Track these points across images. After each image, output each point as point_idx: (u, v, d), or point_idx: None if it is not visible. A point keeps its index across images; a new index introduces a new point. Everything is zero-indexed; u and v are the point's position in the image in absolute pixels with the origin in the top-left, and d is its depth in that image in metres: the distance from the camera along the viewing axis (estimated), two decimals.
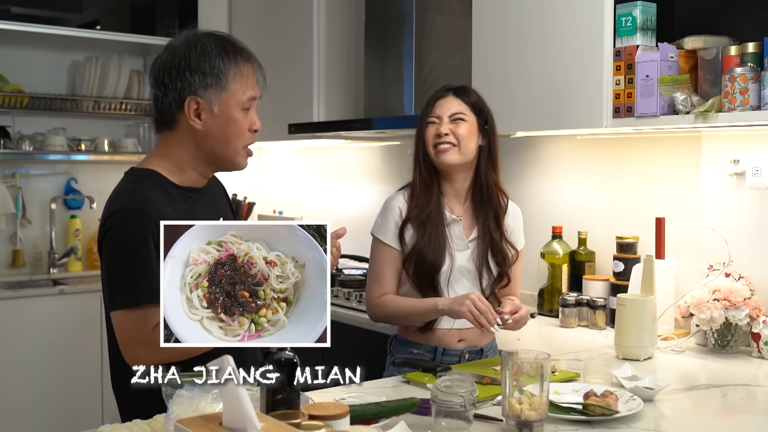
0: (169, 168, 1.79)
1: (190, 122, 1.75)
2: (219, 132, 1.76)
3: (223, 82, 1.74)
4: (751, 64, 2.20)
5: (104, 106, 4.07)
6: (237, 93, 1.76)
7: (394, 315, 2.18)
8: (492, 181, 2.20)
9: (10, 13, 3.55)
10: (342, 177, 4.06)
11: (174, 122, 1.77)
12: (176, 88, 1.74)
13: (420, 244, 2.13)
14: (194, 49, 1.74)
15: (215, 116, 1.75)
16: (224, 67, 1.74)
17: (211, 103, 1.74)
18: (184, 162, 1.80)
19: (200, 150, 1.78)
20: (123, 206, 1.70)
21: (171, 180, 1.78)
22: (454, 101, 2.17)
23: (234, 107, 1.76)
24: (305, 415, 1.31)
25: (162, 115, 1.78)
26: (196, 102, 1.74)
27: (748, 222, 2.49)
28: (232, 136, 1.77)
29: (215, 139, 1.77)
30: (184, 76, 1.73)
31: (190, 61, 1.73)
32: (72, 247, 4.06)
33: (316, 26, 3.61)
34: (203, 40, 1.76)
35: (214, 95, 1.74)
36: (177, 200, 1.77)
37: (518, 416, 1.54)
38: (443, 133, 2.13)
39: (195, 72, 1.73)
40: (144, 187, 1.74)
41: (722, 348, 2.37)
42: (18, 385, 3.45)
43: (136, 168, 1.81)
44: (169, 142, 1.80)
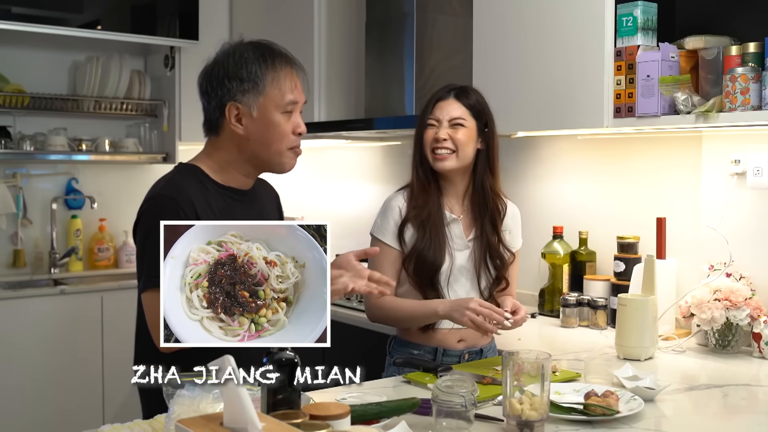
0: (213, 167, 1.87)
1: (231, 127, 1.82)
2: (260, 135, 1.83)
3: (260, 87, 1.81)
4: (752, 64, 2.19)
5: (105, 106, 4.07)
6: (275, 97, 1.82)
7: (392, 317, 2.18)
8: (489, 185, 2.19)
9: (11, 13, 3.54)
10: (342, 177, 4.06)
11: (218, 128, 1.85)
12: (217, 95, 1.82)
13: (420, 244, 2.13)
14: (232, 57, 1.83)
15: (255, 120, 1.82)
16: (261, 72, 1.81)
17: (250, 107, 1.81)
18: (228, 163, 1.87)
19: (243, 153, 1.85)
20: (156, 193, 1.80)
21: (212, 177, 1.85)
22: (455, 104, 2.16)
23: (273, 111, 1.82)
24: (306, 415, 1.31)
25: (208, 122, 1.87)
26: (236, 107, 1.81)
27: (749, 222, 2.49)
28: (273, 139, 1.84)
29: (256, 143, 1.83)
30: (223, 84, 1.81)
31: (228, 69, 1.81)
32: (73, 247, 4.05)
33: (317, 26, 3.61)
34: (242, 48, 1.85)
35: (253, 100, 1.81)
36: (213, 196, 1.83)
37: (519, 416, 1.54)
38: (441, 138, 2.13)
39: (233, 79, 1.81)
40: (181, 178, 1.83)
41: (723, 348, 2.37)
42: (18, 385, 3.45)
43: (182, 163, 1.91)
44: (215, 145, 1.88)
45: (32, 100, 3.89)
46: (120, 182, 4.25)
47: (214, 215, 1.79)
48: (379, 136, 3.58)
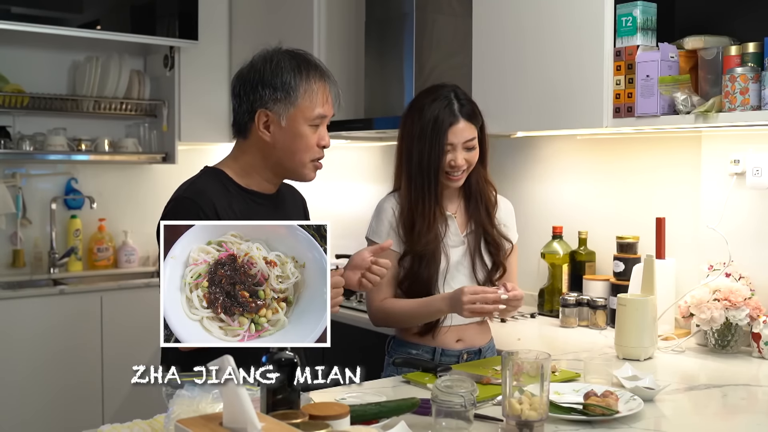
0: (237, 170, 1.89)
1: (259, 133, 1.84)
2: (285, 145, 1.85)
3: (293, 97, 1.83)
4: (751, 64, 2.20)
5: (104, 106, 4.07)
6: (306, 109, 1.84)
7: (396, 319, 2.18)
8: (482, 176, 2.21)
9: (10, 13, 3.54)
10: (342, 177, 4.06)
11: (246, 131, 1.88)
12: (249, 100, 1.84)
13: (414, 267, 2.13)
14: (269, 64, 1.84)
15: (283, 129, 1.84)
16: (295, 83, 1.83)
17: (279, 116, 1.83)
18: (252, 167, 1.89)
19: (268, 159, 1.88)
20: (179, 195, 1.83)
21: (235, 180, 1.88)
22: (468, 128, 2.11)
23: (301, 122, 1.84)
24: (305, 415, 1.31)
25: (237, 123, 1.89)
26: (265, 114, 1.83)
27: (748, 222, 2.49)
28: (298, 149, 1.86)
29: (282, 151, 1.86)
30: (256, 90, 1.83)
31: (264, 76, 1.83)
32: (72, 247, 4.05)
33: (317, 26, 3.61)
34: (279, 56, 1.86)
35: (283, 110, 1.83)
36: (235, 198, 1.85)
37: (518, 416, 1.54)
38: (460, 165, 2.11)
39: (267, 86, 1.82)
40: (204, 180, 1.86)
41: (722, 348, 2.37)
42: (18, 385, 3.45)
43: (208, 166, 1.93)
44: (242, 148, 1.91)
45: (32, 100, 3.89)
46: (119, 182, 4.25)
47: (236, 217, 1.80)
48: (379, 136, 3.58)
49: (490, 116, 2.22)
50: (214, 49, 4.12)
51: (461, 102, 2.12)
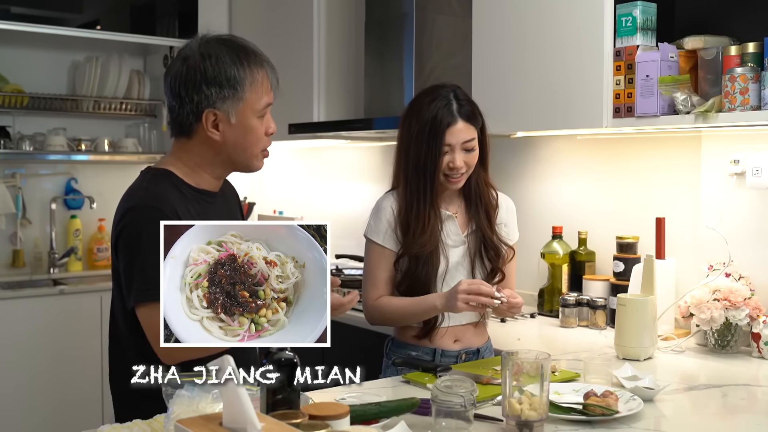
0: (184, 170, 1.82)
1: (207, 133, 1.76)
2: (237, 141, 1.78)
3: (240, 92, 1.75)
4: (751, 64, 2.20)
5: (104, 106, 4.07)
6: (253, 102, 1.77)
7: (392, 317, 2.17)
8: (482, 179, 2.19)
9: (10, 13, 3.55)
10: (342, 177, 4.06)
11: (191, 132, 1.78)
12: (193, 100, 1.74)
13: (412, 268, 2.13)
14: (209, 60, 1.74)
15: (233, 126, 1.76)
16: (240, 77, 1.74)
17: (228, 114, 1.75)
18: (199, 166, 1.82)
19: (217, 156, 1.81)
20: (138, 203, 1.73)
21: (186, 181, 1.81)
22: (466, 128, 2.09)
23: (250, 116, 1.78)
24: (305, 415, 1.31)
25: (178, 125, 1.79)
26: (213, 114, 1.75)
27: (748, 222, 2.49)
28: (250, 143, 1.80)
29: (233, 148, 1.79)
30: (200, 89, 1.73)
31: (206, 74, 1.73)
32: (72, 247, 4.06)
33: (317, 26, 3.61)
34: (217, 50, 1.75)
35: (231, 106, 1.75)
36: (191, 201, 1.79)
37: (518, 416, 1.54)
38: (459, 167, 2.09)
39: (211, 85, 1.73)
40: (159, 185, 1.77)
41: (722, 348, 2.37)
42: (18, 385, 3.45)
43: (152, 168, 1.84)
44: (185, 147, 1.82)
45: (31, 100, 3.89)
46: (119, 182, 4.19)
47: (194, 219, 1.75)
48: (379, 136, 3.58)
49: (490, 116, 2.21)
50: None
51: (460, 102, 2.09)
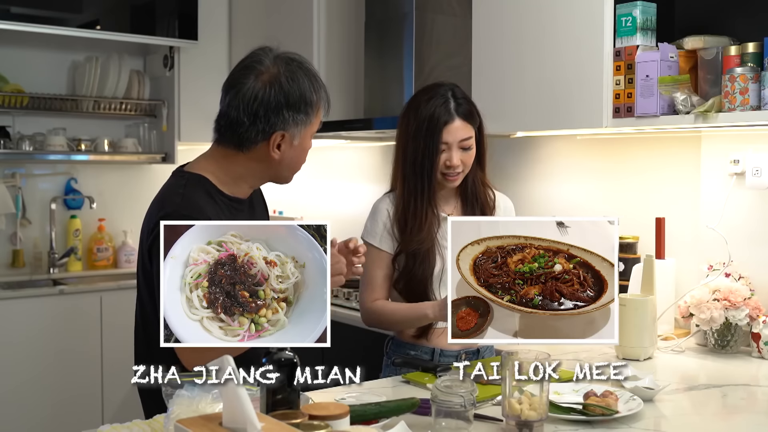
0: (222, 178, 1.80)
1: (270, 153, 1.76)
2: (293, 161, 1.81)
3: (311, 117, 1.78)
4: (751, 64, 2.20)
5: (104, 106, 4.07)
6: (315, 125, 1.81)
7: (386, 321, 2.18)
8: (479, 179, 2.19)
9: (10, 13, 3.54)
10: (342, 177, 4.06)
11: (250, 148, 1.77)
12: (269, 121, 1.73)
13: (409, 266, 2.13)
14: (293, 85, 1.74)
15: (293, 147, 1.79)
16: (313, 101, 1.76)
17: (293, 136, 1.77)
18: (241, 177, 1.82)
19: (266, 172, 1.82)
20: (174, 210, 1.69)
21: (220, 188, 1.79)
22: (463, 127, 2.09)
23: (309, 138, 1.81)
24: (305, 415, 1.31)
25: (239, 139, 1.76)
26: (282, 135, 1.75)
27: (748, 222, 2.49)
28: (300, 162, 1.84)
29: (286, 166, 1.82)
30: (279, 113, 1.73)
31: (289, 98, 1.73)
32: (72, 247, 4.05)
33: (316, 26, 3.61)
34: (297, 73, 1.75)
35: (300, 130, 1.77)
36: (223, 209, 1.78)
37: (518, 416, 1.54)
38: (455, 165, 2.08)
39: (291, 108, 1.74)
40: (194, 193, 1.74)
41: (722, 348, 2.37)
42: (17, 385, 3.45)
43: (185, 171, 1.82)
44: (233, 158, 1.79)
45: (31, 100, 3.89)
46: (119, 182, 4.25)
47: None
48: (378, 136, 3.58)
49: (490, 116, 2.21)
50: (214, 49, 4.12)
51: (458, 101, 2.09)
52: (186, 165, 1.85)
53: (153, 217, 1.73)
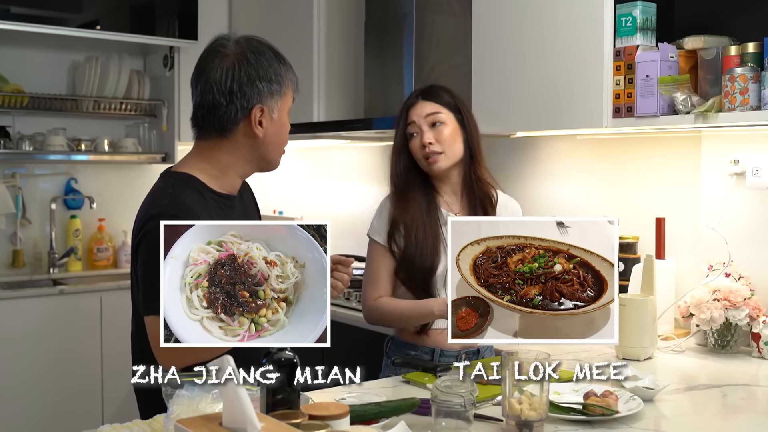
0: (210, 172, 1.80)
1: (254, 130, 1.76)
2: (275, 137, 1.80)
3: (283, 88, 1.79)
4: (751, 64, 2.20)
5: (104, 106, 4.07)
6: (288, 98, 1.81)
7: (389, 318, 2.18)
8: (475, 173, 2.20)
9: (10, 13, 3.54)
10: (342, 177, 4.06)
11: (232, 130, 1.77)
12: (245, 95, 1.75)
13: (408, 250, 2.13)
14: (260, 57, 1.76)
15: (274, 122, 1.79)
16: (283, 73, 1.79)
17: (272, 110, 1.78)
18: (229, 166, 1.81)
19: (253, 154, 1.81)
20: (161, 211, 1.67)
21: (209, 185, 1.79)
22: (426, 104, 2.17)
23: (286, 112, 1.82)
24: (305, 415, 1.31)
25: (220, 122, 1.77)
26: (261, 110, 1.76)
27: (748, 222, 2.49)
28: (283, 140, 1.83)
29: (271, 144, 1.80)
30: (254, 85, 1.75)
31: (259, 70, 1.75)
32: (72, 247, 4.06)
33: (316, 26, 3.61)
34: (262, 49, 1.79)
35: (276, 102, 1.78)
36: (213, 207, 1.77)
37: (518, 416, 1.54)
38: (428, 143, 2.13)
39: (263, 80, 1.75)
40: (182, 192, 1.74)
41: (722, 348, 2.37)
42: (18, 385, 3.45)
43: (173, 171, 1.81)
44: (218, 148, 1.79)
45: (31, 100, 3.89)
46: (119, 182, 4.25)
47: None
48: (378, 136, 3.58)
49: (490, 116, 2.22)
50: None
51: (426, 89, 2.20)
52: (173, 166, 1.85)
53: (141, 218, 1.74)
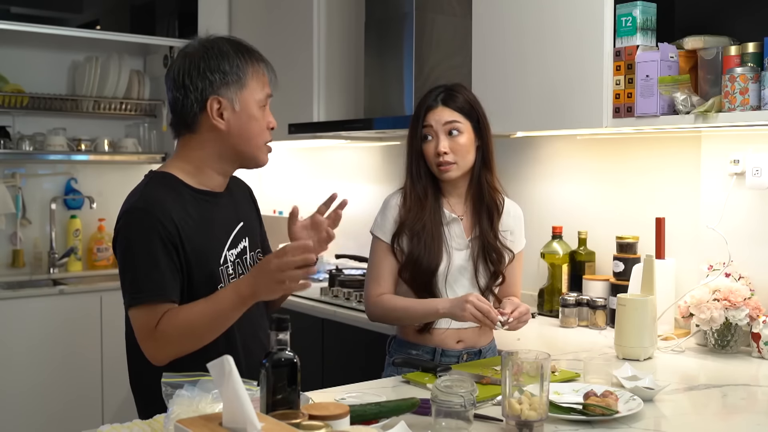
0: (187, 170, 1.82)
1: (213, 122, 1.78)
2: (241, 130, 1.80)
3: (243, 79, 1.79)
4: (751, 64, 2.20)
5: (104, 106, 4.07)
6: (255, 90, 1.81)
7: (392, 315, 2.17)
8: (486, 180, 2.19)
9: (10, 13, 3.55)
10: (342, 177, 4.06)
11: (195, 124, 1.80)
12: (197, 88, 1.77)
13: (414, 252, 2.13)
14: (211, 51, 1.79)
15: (237, 114, 1.79)
16: (242, 65, 1.79)
17: (232, 101, 1.78)
18: (205, 162, 1.82)
19: (223, 149, 1.81)
20: (131, 207, 1.74)
21: (186, 182, 1.81)
22: (445, 110, 2.14)
23: (253, 104, 1.81)
24: (305, 415, 1.31)
25: (183, 118, 1.81)
26: (218, 101, 1.77)
27: (748, 222, 2.49)
28: (254, 133, 1.82)
29: (238, 137, 1.80)
30: (204, 76, 1.77)
31: (210, 62, 1.77)
32: (72, 247, 4.06)
33: (316, 26, 3.61)
34: (218, 43, 1.81)
35: (235, 93, 1.78)
36: (189, 201, 1.78)
37: (518, 416, 1.54)
38: (443, 152, 2.11)
39: (215, 71, 1.77)
40: (154, 188, 1.77)
41: (722, 348, 2.37)
42: (18, 385, 3.45)
43: (153, 171, 1.85)
44: (190, 145, 1.83)
45: (31, 100, 3.89)
46: (119, 182, 4.24)
47: (193, 221, 1.76)
48: (379, 136, 3.58)
49: (490, 116, 2.22)
50: None
51: (448, 92, 2.16)
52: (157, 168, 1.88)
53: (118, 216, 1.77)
